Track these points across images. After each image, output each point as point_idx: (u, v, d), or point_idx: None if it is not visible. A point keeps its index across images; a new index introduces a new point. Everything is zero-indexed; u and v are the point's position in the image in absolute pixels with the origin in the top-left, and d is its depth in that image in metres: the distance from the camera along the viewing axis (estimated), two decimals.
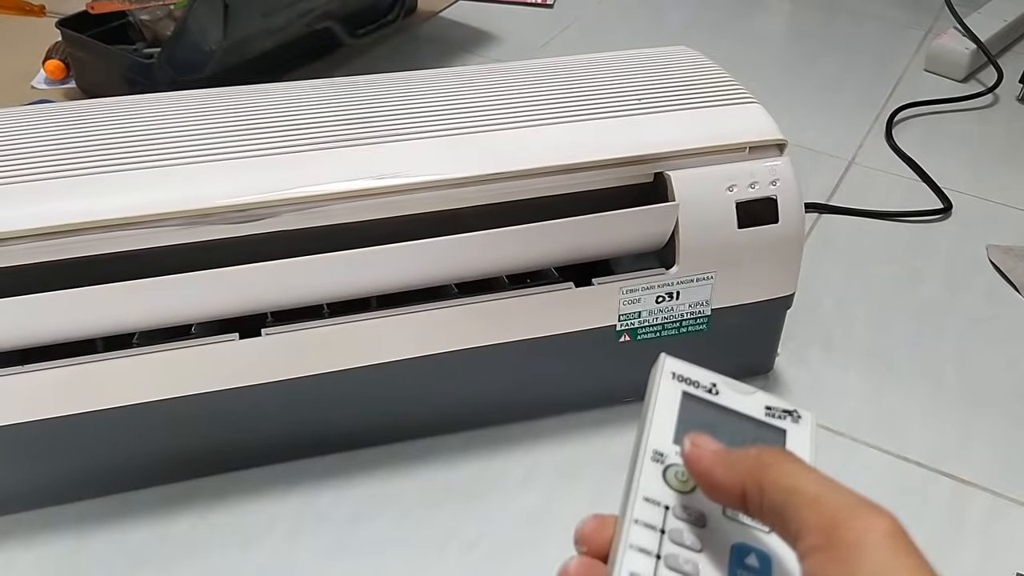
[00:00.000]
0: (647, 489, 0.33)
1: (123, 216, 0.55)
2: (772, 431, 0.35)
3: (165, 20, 1.01)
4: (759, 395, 0.36)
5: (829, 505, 0.29)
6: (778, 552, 0.32)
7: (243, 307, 0.58)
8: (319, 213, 0.58)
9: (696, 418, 0.35)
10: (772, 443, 0.34)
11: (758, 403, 0.36)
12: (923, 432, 0.72)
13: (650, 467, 0.34)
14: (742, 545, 0.32)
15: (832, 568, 0.28)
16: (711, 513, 0.33)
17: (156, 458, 0.64)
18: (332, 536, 0.62)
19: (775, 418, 0.35)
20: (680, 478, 0.33)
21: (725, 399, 0.36)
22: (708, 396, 0.36)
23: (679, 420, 0.35)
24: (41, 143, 0.59)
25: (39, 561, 0.60)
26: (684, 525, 0.32)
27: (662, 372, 0.36)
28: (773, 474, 0.30)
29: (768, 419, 0.35)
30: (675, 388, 0.36)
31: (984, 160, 1.05)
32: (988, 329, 0.82)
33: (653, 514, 0.32)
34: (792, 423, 0.35)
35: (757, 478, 0.30)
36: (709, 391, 0.36)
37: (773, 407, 0.36)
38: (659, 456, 0.34)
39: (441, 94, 0.67)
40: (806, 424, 0.35)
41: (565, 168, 0.61)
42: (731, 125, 0.65)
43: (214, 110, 0.64)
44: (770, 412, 0.35)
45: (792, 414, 0.35)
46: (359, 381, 0.63)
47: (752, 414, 0.35)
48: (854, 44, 1.29)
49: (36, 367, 0.56)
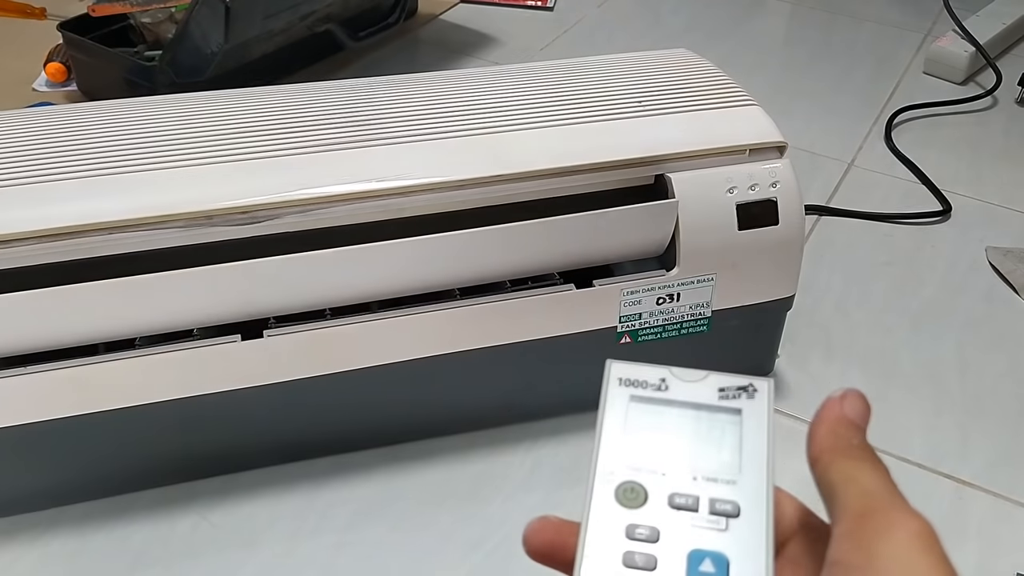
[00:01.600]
0: (599, 515, 0.33)
1: (125, 218, 0.55)
2: (726, 414, 0.34)
3: (166, 23, 1.01)
4: (711, 378, 0.35)
5: (871, 497, 0.29)
6: (735, 550, 0.31)
7: (242, 307, 0.58)
8: (321, 215, 0.58)
9: (645, 423, 0.34)
10: (728, 427, 0.34)
11: (711, 387, 0.35)
12: (923, 434, 0.72)
13: (600, 489, 0.33)
14: (697, 552, 0.31)
15: (852, 553, 0.28)
16: (664, 524, 0.32)
17: (157, 459, 0.64)
18: (333, 537, 0.62)
19: (729, 399, 0.34)
20: (629, 495, 0.33)
21: (675, 392, 0.35)
22: (657, 395, 0.35)
23: (627, 431, 0.34)
24: (42, 146, 0.59)
25: (41, 561, 0.60)
26: (637, 545, 0.32)
27: (608, 380, 0.35)
28: (846, 461, 0.31)
29: (722, 402, 0.34)
30: (622, 395, 0.35)
31: (983, 162, 1.05)
32: (987, 331, 0.82)
33: (605, 541, 0.32)
34: (748, 399, 0.34)
35: (833, 456, 0.31)
36: (658, 388, 0.35)
37: (727, 387, 0.35)
38: (609, 476, 0.33)
39: (442, 97, 0.67)
40: (762, 398, 0.34)
41: (566, 170, 0.62)
42: (731, 127, 0.65)
43: (216, 113, 0.64)
44: (724, 393, 0.35)
45: (747, 389, 0.35)
46: (360, 382, 0.63)
47: (704, 401, 0.35)
48: (853, 47, 1.29)
49: (38, 368, 0.57)
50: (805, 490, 0.33)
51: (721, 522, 0.32)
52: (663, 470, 0.33)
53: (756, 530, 0.32)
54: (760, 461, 0.33)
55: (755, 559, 0.31)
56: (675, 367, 0.35)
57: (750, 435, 0.34)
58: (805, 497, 0.34)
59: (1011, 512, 0.66)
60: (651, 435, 0.34)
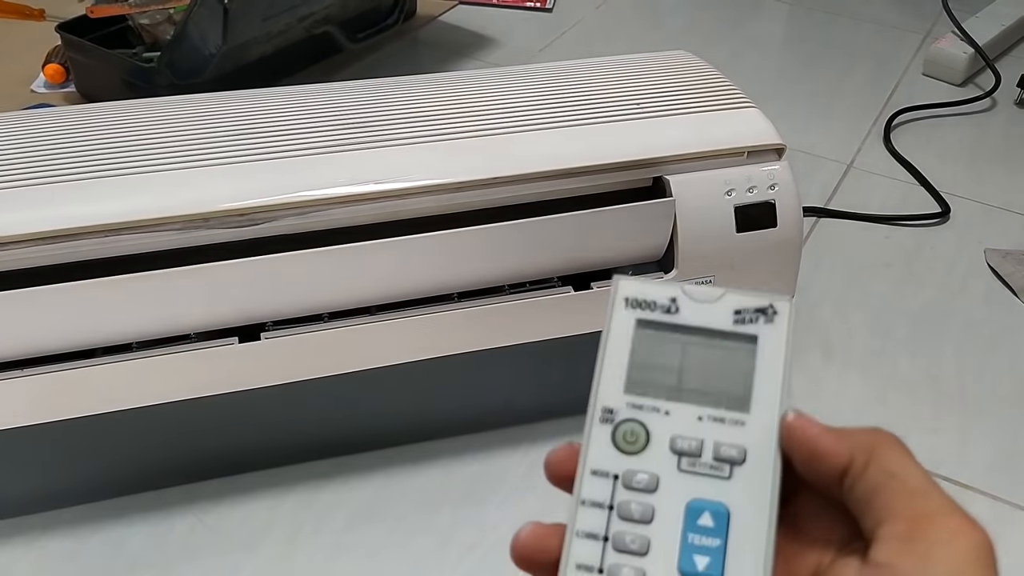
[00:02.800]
0: (595, 460, 0.31)
1: (123, 220, 0.55)
2: (740, 342, 0.31)
3: (164, 24, 1.01)
4: (727, 297, 0.32)
5: (925, 501, 0.28)
6: (737, 502, 0.30)
7: (236, 309, 0.58)
8: (319, 217, 0.58)
9: (653, 352, 0.32)
10: (742, 358, 0.31)
11: (726, 309, 0.32)
12: (922, 436, 0.72)
13: (599, 431, 0.31)
14: (696, 503, 0.30)
15: (906, 560, 0.27)
16: (664, 472, 0.30)
17: (155, 462, 0.64)
18: (330, 540, 0.62)
19: (745, 323, 0.31)
20: (629, 439, 0.31)
21: (686, 315, 0.32)
22: (666, 318, 0.32)
23: (630, 361, 0.32)
24: (40, 147, 0.59)
25: (38, 564, 0.60)
26: (633, 495, 0.30)
27: (614, 301, 0.32)
28: (885, 454, 0.29)
29: (737, 327, 0.31)
30: (628, 318, 0.32)
31: (982, 164, 1.05)
32: (986, 333, 0.82)
33: (601, 489, 0.30)
34: (766, 324, 0.31)
35: (868, 452, 0.29)
36: (667, 310, 0.32)
37: (743, 309, 0.32)
38: (609, 415, 0.31)
39: (440, 98, 0.67)
40: (782, 322, 0.31)
41: (564, 172, 0.61)
42: (729, 129, 0.65)
43: (214, 114, 0.64)
44: (740, 317, 0.32)
45: (766, 312, 0.31)
46: (358, 385, 0.63)
47: (718, 326, 0.32)
48: (852, 48, 1.29)
49: (35, 371, 0.56)
50: None
51: (725, 469, 0.30)
52: (667, 408, 0.31)
53: (761, 479, 0.30)
54: (773, 398, 0.31)
55: (758, 512, 0.29)
56: (688, 285, 0.32)
57: (765, 367, 0.31)
58: None
59: (1011, 515, 0.66)
60: (656, 367, 0.31)
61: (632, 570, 0.29)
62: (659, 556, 0.29)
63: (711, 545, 0.29)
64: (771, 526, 0.29)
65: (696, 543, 0.29)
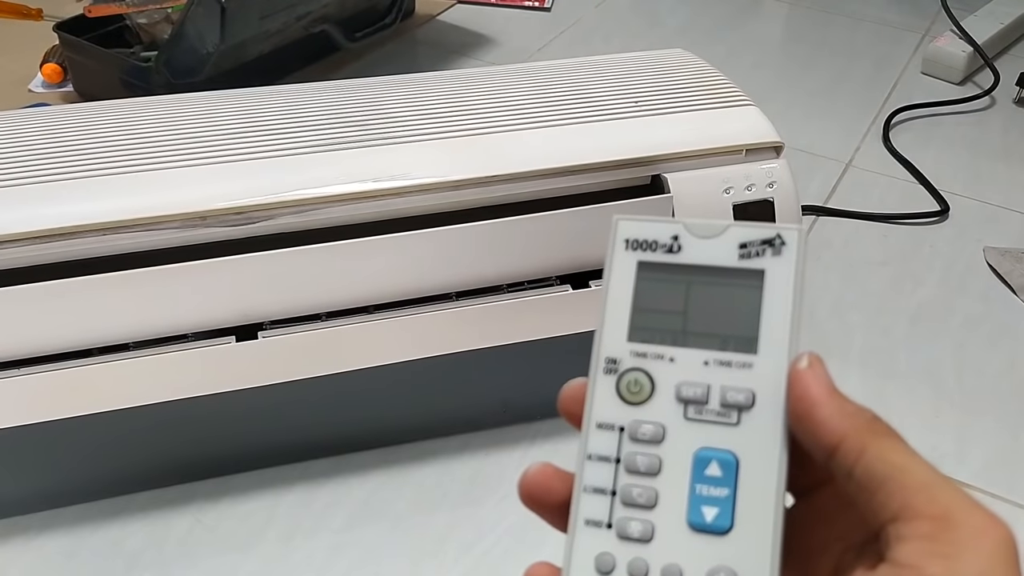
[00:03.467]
0: (600, 412, 0.30)
1: (120, 219, 0.55)
2: (746, 279, 0.30)
3: (162, 23, 1.01)
4: (732, 231, 0.31)
5: (944, 496, 0.27)
6: (746, 449, 0.29)
7: (233, 307, 0.58)
8: (317, 215, 0.58)
9: (656, 296, 0.31)
10: (748, 295, 0.30)
11: (730, 243, 0.31)
12: (921, 435, 0.72)
13: (603, 382, 0.30)
14: (704, 452, 0.29)
15: (933, 562, 0.26)
16: (670, 422, 0.29)
17: (153, 461, 0.63)
18: (329, 539, 0.62)
19: (751, 257, 0.30)
20: (633, 389, 0.30)
21: (689, 254, 0.31)
22: (668, 258, 0.31)
23: (633, 306, 0.31)
24: (38, 146, 0.59)
25: (36, 564, 0.60)
26: (640, 447, 0.29)
27: (614, 242, 0.31)
28: (882, 444, 0.28)
29: (743, 263, 0.30)
30: (629, 260, 0.31)
31: (981, 162, 1.05)
32: (985, 331, 0.82)
33: (607, 443, 0.30)
34: (773, 256, 0.30)
35: (862, 440, 0.28)
36: (669, 250, 0.31)
37: (749, 242, 0.30)
38: (612, 365, 0.30)
39: (439, 97, 0.67)
40: (790, 253, 0.30)
41: (563, 170, 0.61)
42: (728, 127, 0.65)
43: (211, 113, 0.64)
44: (745, 251, 0.30)
45: (773, 243, 0.30)
46: (356, 384, 0.63)
47: (723, 263, 0.30)
48: (851, 47, 1.29)
49: (32, 370, 0.56)
50: None
51: (732, 415, 0.29)
52: (671, 354, 0.30)
53: (770, 424, 0.29)
54: (782, 337, 0.30)
55: (767, 459, 0.29)
56: (690, 220, 0.31)
57: (773, 304, 0.30)
58: None
59: (1010, 513, 0.66)
60: (660, 311, 0.31)
61: (640, 524, 0.29)
62: (667, 509, 0.29)
63: (720, 495, 0.28)
64: (781, 473, 0.28)
65: (704, 494, 0.29)
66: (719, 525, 0.28)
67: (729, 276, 0.30)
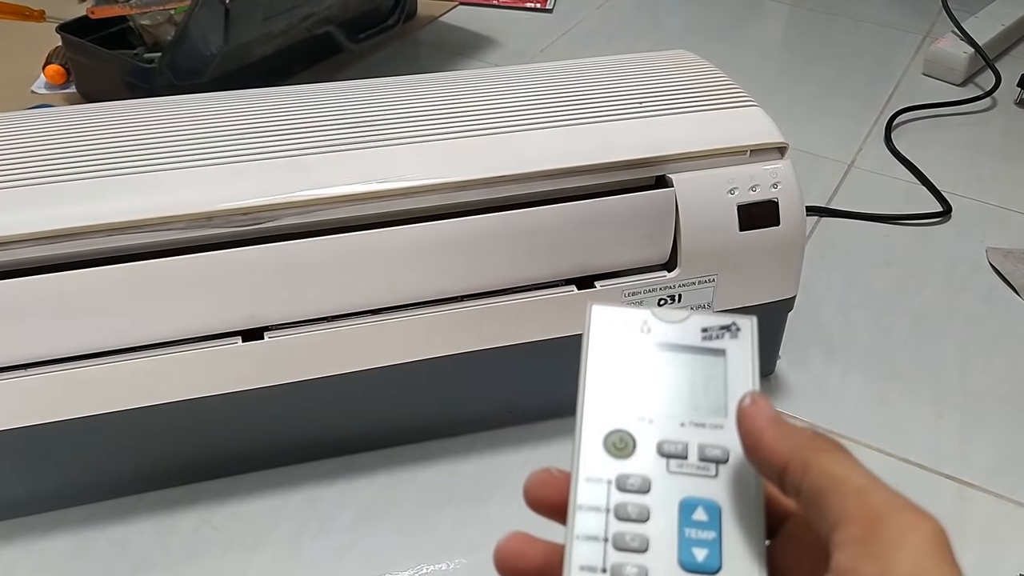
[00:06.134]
0: (588, 467, 0.33)
1: (125, 220, 0.55)
2: (711, 356, 0.34)
3: (165, 25, 1.01)
4: (694, 318, 0.34)
5: (875, 499, 0.28)
6: (726, 497, 0.31)
7: (238, 307, 0.58)
8: (322, 216, 0.58)
9: (630, 369, 0.34)
10: (713, 369, 0.33)
11: (693, 328, 0.34)
12: (924, 434, 0.72)
13: (589, 440, 0.33)
14: (689, 500, 0.31)
15: (867, 564, 0.26)
16: (655, 474, 0.32)
17: (159, 461, 0.63)
18: (335, 539, 0.62)
19: (713, 339, 0.34)
20: (619, 445, 0.33)
21: (658, 336, 0.34)
22: (641, 339, 0.34)
23: (611, 378, 0.34)
24: (42, 147, 0.59)
25: (42, 565, 0.60)
26: (629, 497, 0.32)
27: (590, 326, 0.35)
28: (823, 459, 0.29)
29: (705, 343, 0.34)
30: (605, 340, 0.35)
31: (983, 163, 1.05)
32: (988, 331, 0.82)
33: (597, 493, 0.32)
34: (731, 339, 0.34)
35: (805, 458, 0.29)
36: (641, 332, 0.34)
37: (709, 327, 0.34)
38: (597, 425, 0.33)
39: (442, 98, 0.67)
40: (746, 337, 0.34)
41: (567, 171, 0.61)
42: (732, 128, 0.65)
43: (215, 114, 0.64)
44: (707, 334, 0.34)
45: (730, 328, 0.34)
46: (361, 384, 0.63)
47: (688, 343, 0.34)
48: (852, 48, 1.29)
49: (39, 371, 0.56)
50: None
51: (711, 468, 0.32)
52: (650, 417, 0.33)
53: (746, 475, 0.31)
54: None
55: (746, 505, 0.31)
56: (657, 308, 0.35)
57: (735, 376, 0.33)
58: None
59: (1014, 513, 0.66)
60: (636, 381, 0.34)
61: (635, 567, 0.30)
62: (659, 552, 0.30)
63: (707, 538, 0.31)
64: (760, 516, 0.31)
65: (693, 537, 0.31)
66: (710, 565, 0.30)
67: (695, 352, 0.34)
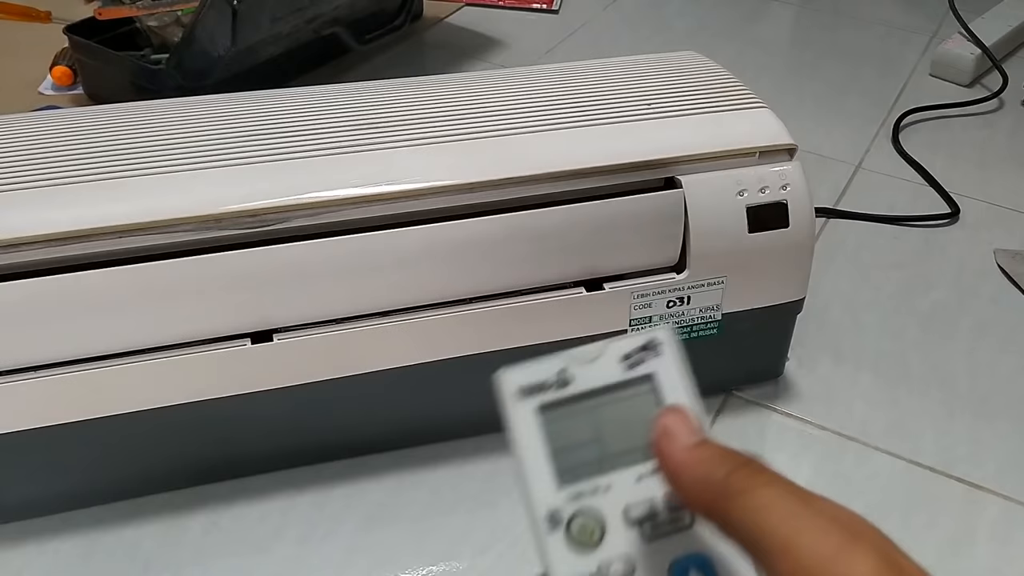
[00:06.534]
0: (562, 571, 0.29)
1: (134, 222, 0.55)
2: (640, 385, 0.31)
3: (173, 26, 1.01)
4: (611, 348, 0.32)
5: (803, 555, 0.26)
6: (709, 543, 0.29)
7: (246, 307, 0.58)
8: (331, 218, 0.58)
9: (566, 433, 0.30)
10: (646, 399, 0.31)
11: (612, 360, 0.31)
12: (934, 436, 0.72)
13: (553, 542, 0.30)
14: (678, 563, 0.29)
15: None
16: (633, 549, 0.29)
17: (167, 463, 0.63)
18: (344, 541, 0.62)
19: (636, 365, 0.31)
20: (585, 534, 0.29)
21: (581, 382, 0.31)
22: (563, 393, 0.31)
23: (550, 451, 0.30)
24: (48, 149, 0.59)
25: (51, 566, 0.60)
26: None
27: (506, 397, 0.31)
28: (738, 510, 0.27)
29: (630, 372, 0.31)
30: (527, 409, 0.31)
31: (991, 164, 1.05)
32: (997, 333, 0.82)
33: None
34: (655, 358, 0.31)
35: (723, 510, 0.27)
36: (561, 385, 0.31)
37: (629, 352, 0.31)
38: (554, 519, 0.30)
39: (449, 100, 0.67)
40: (668, 349, 0.32)
41: (575, 173, 0.61)
42: (741, 130, 0.65)
43: (224, 116, 0.64)
44: (629, 361, 0.31)
45: (650, 348, 0.31)
46: (370, 386, 0.63)
47: (612, 379, 0.31)
48: (859, 49, 1.29)
49: (48, 373, 0.56)
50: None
51: (684, 517, 0.30)
52: (605, 483, 0.30)
53: None
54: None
55: (739, 563, 0.28)
56: (571, 349, 0.32)
57: (671, 399, 0.31)
58: None
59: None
60: (576, 445, 0.30)
61: None
62: None
63: None
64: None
65: None
66: None
67: (624, 388, 0.31)
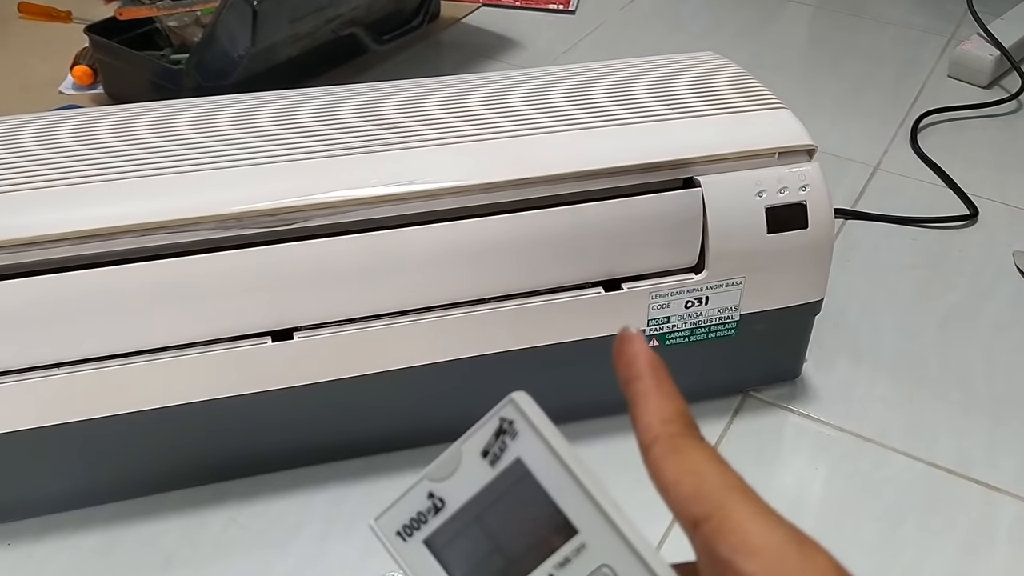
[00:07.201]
0: None
1: (155, 220, 0.55)
2: (512, 475, 0.28)
3: (193, 26, 1.01)
4: (466, 451, 0.29)
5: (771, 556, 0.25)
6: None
7: (265, 305, 0.59)
8: (350, 218, 0.58)
9: (462, 555, 0.28)
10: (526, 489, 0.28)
11: (473, 459, 0.29)
12: (952, 438, 0.72)
13: None
14: None
15: None
16: None
17: (188, 460, 0.64)
18: (361, 539, 0.62)
19: (500, 455, 0.28)
20: None
21: (454, 500, 0.29)
22: (442, 518, 0.29)
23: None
24: (70, 148, 0.60)
25: (72, 561, 0.61)
26: None
27: (388, 542, 0.30)
28: (715, 541, 0.25)
29: (498, 467, 0.28)
30: (414, 547, 0.29)
31: (1010, 166, 1.04)
32: (1015, 335, 0.82)
33: None
34: (514, 439, 0.29)
35: (704, 537, 0.26)
36: (437, 510, 0.29)
37: (486, 447, 0.29)
38: None
39: (467, 100, 0.67)
40: (523, 422, 0.29)
41: (594, 173, 0.62)
42: (760, 130, 0.65)
43: (243, 116, 0.64)
44: (490, 455, 0.29)
45: (505, 432, 0.29)
46: (388, 385, 0.63)
47: (483, 482, 0.28)
48: (877, 50, 1.28)
49: (69, 370, 0.57)
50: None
51: None
52: None
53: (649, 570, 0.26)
54: (581, 499, 0.28)
55: None
56: (426, 469, 0.29)
57: (549, 477, 0.28)
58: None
59: None
60: (479, 564, 0.28)
61: None
62: None
63: None
64: None
65: None
66: None
67: (498, 487, 0.28)
